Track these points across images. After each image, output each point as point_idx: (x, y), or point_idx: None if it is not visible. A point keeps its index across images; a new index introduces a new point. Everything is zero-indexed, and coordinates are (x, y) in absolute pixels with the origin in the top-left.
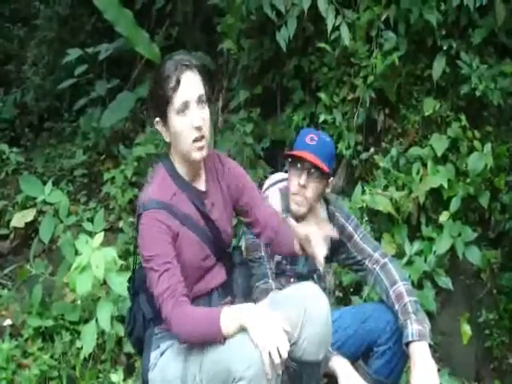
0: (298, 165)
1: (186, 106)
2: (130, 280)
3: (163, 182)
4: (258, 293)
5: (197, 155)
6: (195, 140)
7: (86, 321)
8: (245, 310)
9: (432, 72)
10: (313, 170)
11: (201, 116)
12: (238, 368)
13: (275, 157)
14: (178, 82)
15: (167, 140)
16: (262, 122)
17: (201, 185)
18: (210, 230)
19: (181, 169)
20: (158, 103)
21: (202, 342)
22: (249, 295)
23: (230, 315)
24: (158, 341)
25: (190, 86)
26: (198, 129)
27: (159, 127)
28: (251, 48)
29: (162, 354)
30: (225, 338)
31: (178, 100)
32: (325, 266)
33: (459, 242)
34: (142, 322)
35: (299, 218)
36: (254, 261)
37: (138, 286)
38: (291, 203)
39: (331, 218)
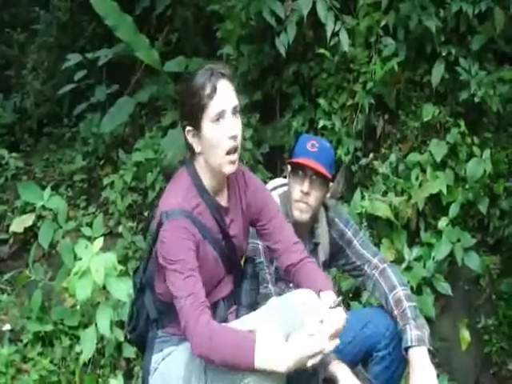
0: (300, 172)
1: (221, 114)
2: (135, 273)
3: (187, 192)
4: (258, 298)
5: (228, 169)
6: (228, 152)
7: (86, 326)
8: (282, 351)
9: (431, 78)
10: (315, 177)
11: (236, 126)
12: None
13: (274, 162)
14: (214, 89)
15: (198, 151)
16: (261, 128)
17: (223, 200)
18: (226, 245)
19: (206, 181)
20: (192, 111)
21: (227, 365)
22: (254, 308)
23: (267, 351)
24: (161, 344)
25: (226, 94)
26: (233, 138)
27: (190, 137)
28: (251, 54)
29: (163, 359)
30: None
31: (213, 108)
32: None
33: (458, 247)
34: (145, 320)
35: (300, 225)
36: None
37: (146, 282)
38: (294, 210)
39: (330, 224)
